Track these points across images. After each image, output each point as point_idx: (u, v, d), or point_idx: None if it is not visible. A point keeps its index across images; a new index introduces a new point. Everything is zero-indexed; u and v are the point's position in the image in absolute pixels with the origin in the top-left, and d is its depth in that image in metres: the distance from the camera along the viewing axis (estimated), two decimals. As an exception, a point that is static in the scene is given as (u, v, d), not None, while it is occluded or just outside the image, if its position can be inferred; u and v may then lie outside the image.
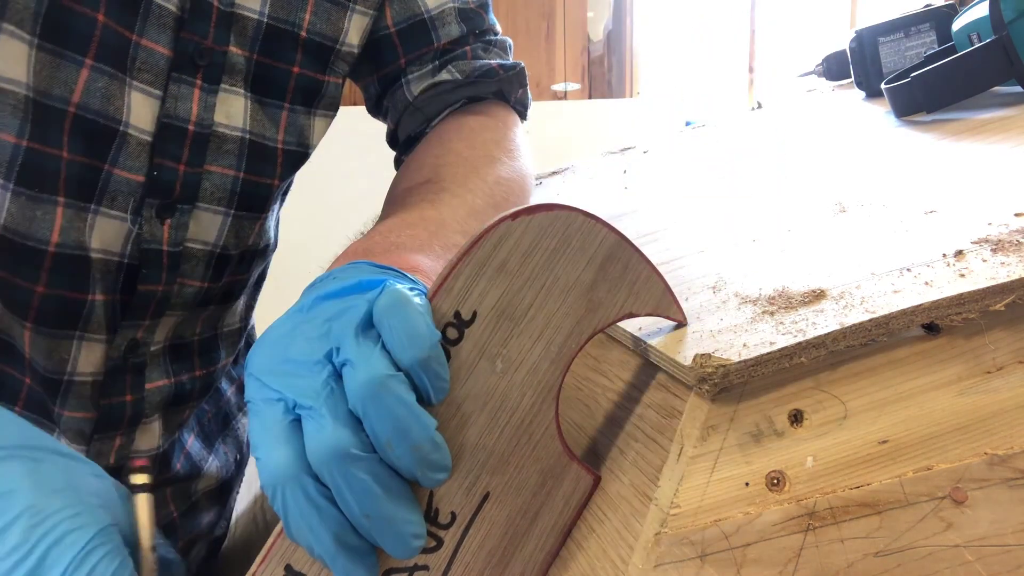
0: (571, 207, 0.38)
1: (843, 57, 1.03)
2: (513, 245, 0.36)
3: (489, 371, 0.36)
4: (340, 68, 0.63)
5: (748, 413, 0.37)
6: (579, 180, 0.92)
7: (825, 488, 0.36)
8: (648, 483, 0.38)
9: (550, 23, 2.34)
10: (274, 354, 0.34)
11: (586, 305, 0.38)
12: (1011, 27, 0.69)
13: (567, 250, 0.37)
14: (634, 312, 0.40)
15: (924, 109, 0.76)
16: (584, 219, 0.38)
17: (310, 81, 0.61)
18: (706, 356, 0.37)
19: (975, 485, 0.37)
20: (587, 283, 0.38)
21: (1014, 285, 0.38)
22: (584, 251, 0.38)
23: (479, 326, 0.36)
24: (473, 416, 0.36)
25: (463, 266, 0.35)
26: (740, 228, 0.57)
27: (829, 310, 0.39)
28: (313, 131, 0.63)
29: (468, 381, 0.36)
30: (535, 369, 0.37)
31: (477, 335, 0.36)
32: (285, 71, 0.60)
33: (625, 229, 0.64)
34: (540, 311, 0.37)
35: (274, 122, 0.60)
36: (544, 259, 0.37)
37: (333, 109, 0.65)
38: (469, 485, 0.36)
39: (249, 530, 0.83)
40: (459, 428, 0.35)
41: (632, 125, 2.21)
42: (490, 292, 0.36)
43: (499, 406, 0.36)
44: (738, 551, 0.35)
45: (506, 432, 0.36)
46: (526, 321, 0.36)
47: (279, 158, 0.61)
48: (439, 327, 0.35)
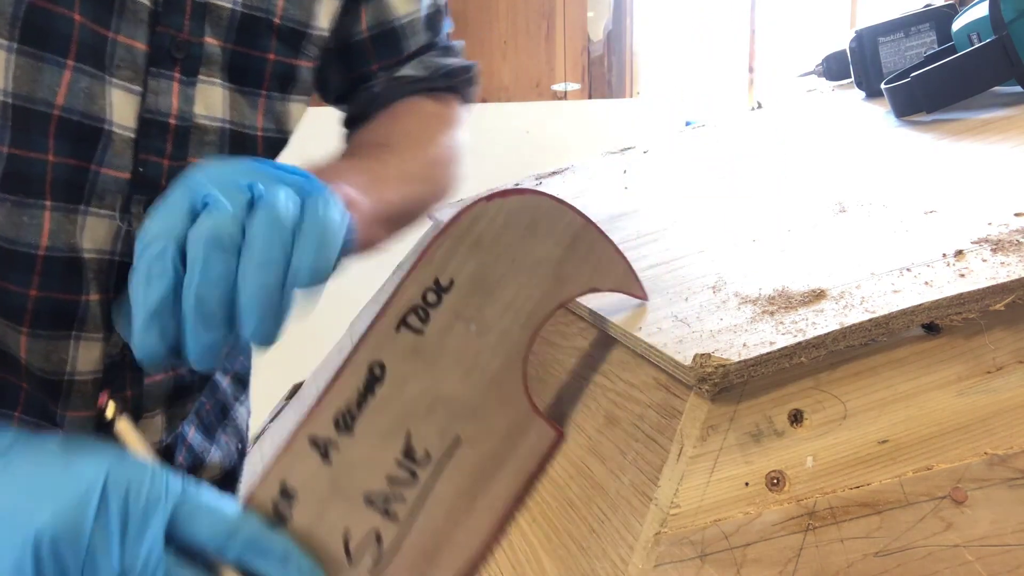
0: (540, 192, 0.43)
1: (843, 57, 1.03)
2: (487, 223, 0.41)
3: (464, 332, 0.41)
4: (311, 52, 0.64)
5: (748, 413, 0.37)
6: (579, 180, 0.92)
7: (825, 488, 0.36)
8: (648, 483, 0.38)
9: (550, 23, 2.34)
10: (212, 173, 0.40)
11: (553, 279, 0.42)
12: (1011, 27, 0.69)
13: (536, 230, 0.42)
14: (598, 287, 0.44)
15: (924, 109, 0.76)
16: (552, 203, 0.43)
17: (285, 67, 0.62)
18: (706, 356, 0.37)
19: (975, 485, 0.37)
20: (555, 260, 0.43)
21: (1014, 285, 0.38)
22: (552, 231, 0.43)
23: (456, 293, 0.41)
24: (449, 370, 0.41)
25: (443, 239, 0.41)
26: (740, 228, 0.57)
27: (829, 310, 0.39)
28: (290, 116, 0.64)
29: (445, 339, 0.41)
30: (506, 333, 0.42)
31: (454, 300, 0.41)
32: (261, 58, 0.60)
33: (625, 229, 0.65)
34: (511, 283, 0.42)
35: (252, 110, 0.61)
36: (516, 237, 0.42)
37: (307, 94, 0.66)
38: (442, 429, 0.40)
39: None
40: (437, 381, 0.40)
41: (632, 125, 2.21)
42: (466, 264, 0.41)
43: (472, 363, 0.41)
44: (738, 551, 0.35)
45: (478, 386, 0.41)
46: (499, 291, 0.42)
47: (259, 145, 0.62)
48: (420, 293, 0.40)
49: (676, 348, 0.40)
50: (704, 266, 0.51)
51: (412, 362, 0.40)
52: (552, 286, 0.42)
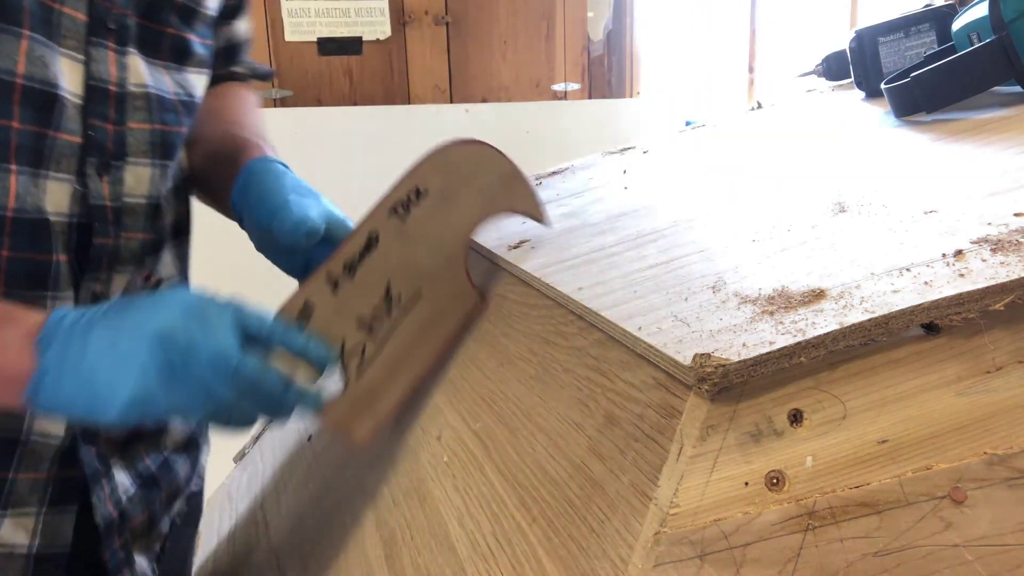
0: (488, 144, 0.63)
1: (843, 57, 1.03)
2: (453, 158, 0.62)
3: (432, 224, 0.61)
4: (200, 29, 0.70)
5: (748, 413, 0.37)
6: (579, 180, 0.92)
7: (825, 488, 0.36)
8: (648, 483, 0.38)
9: (550, 23, 2.34)
10: None
11: (489, 199, 0.63)
12: (1011, 27, 0.69)
13: (482, 166, 0.63)
14: (516, 210, 0.66)
15: (924, 109, 0.76)
16: (494, 152, 0.63)
17: (181, 40, 0.67)
18: (706, 356, 0.37)
19: (974, 485, 0.37)
20: (492, 187, 0.63)
21: (1014, 285, 0.38)
22: (492, 169, 0.63)
23: (428, 198, 0.61)
24: (419, 246, 0.61)
25: (424, 163, 0.61)
26: (740, 228, 0.57)
27: (829, 310, 0.39)
28: (193, 85, 0.70)
29: (418, 227, 0.61)
30: (457, 228, 0.62)
31: (426, 203, 0.61)
32: (162, 32, 0.65)
33: (625, 229, 0.65)
34: (463, 198, 0.62)
35: (165, 78, 0.66)
36: (469, 169, 0.62)
37: (204, 68, 0.71)
38: (411, 284, 0.61)
39: (250, 530, 0.84)
40: (409, 251, 0.61)
41: (632, 125, 2.21)
42: (436, 181, 0.61)
43: (434, 245, 0.61)
44: (738, 551, 0.35)
45: (437, 261, 0.61)
46: (455, 201, 0.62)
47: (179, 109, 0.67)
48: (405, 194, 0.60)
49: (676, 348, 0.40)
50: (704, 266, 0.51)
51: (396, 237, 0.60)
52: (488, 203, 0.63)
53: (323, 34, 2.10)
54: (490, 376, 0.60)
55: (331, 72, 2.12)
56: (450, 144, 0.61)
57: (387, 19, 2.16)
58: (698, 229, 0.60)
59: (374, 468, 0.68)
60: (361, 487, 0.68)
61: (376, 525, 0.61)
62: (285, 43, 2.07)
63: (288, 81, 2.08)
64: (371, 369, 0.59)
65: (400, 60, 2.17)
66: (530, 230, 0.73)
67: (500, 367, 0.59)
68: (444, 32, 2.22)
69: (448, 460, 0.57)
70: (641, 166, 0.91)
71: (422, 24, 2.19)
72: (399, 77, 2.17)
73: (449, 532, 0.52)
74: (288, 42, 2.07)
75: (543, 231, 0.71)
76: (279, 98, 2.07)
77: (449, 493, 0.55)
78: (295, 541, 0.72)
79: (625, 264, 0.56)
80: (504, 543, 0.46)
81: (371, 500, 0.65)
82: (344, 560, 0.62)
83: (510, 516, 0.47)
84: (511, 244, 0.69)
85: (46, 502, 0.60)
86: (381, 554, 0.58)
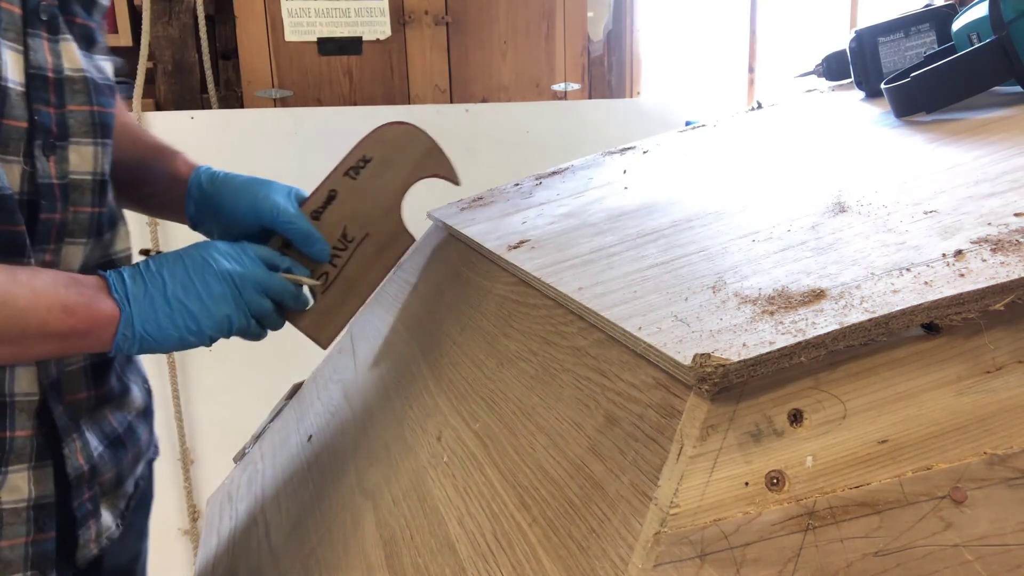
0: (414, 125, 0.84)
1: (843, 57, 1.03)
2: (389, 135, 0.82)
3: (375, 183, 0.81)
4: (97, 19, 0.73)
5: (748, 413, 0.37)
6: (579, 180, 0.92)
7: (825, 488, 0.36)
8: (648, 483, 0.38)
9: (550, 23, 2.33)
10: None
11: (416, 165, 0.83)
12: (1011, 27, 0.69)
13: (411, 140, 0.83)
14: (437, 173, 0.84)
15: (924, 109, 0.76)
16: (418, 131, 0.84)
17: (87, 29, 0.71)
18: (706, 356, 0.37)
19: (974, 485, 0.37)
20: (418, 156, 0.83)
21: (1014, 285, 0.38)
22: (418, 143, 0.83)
23: (372, 164, 0.81)
24: (367, 200, 0.81)
25: (368, 140, 0.82)
26: (740, 228, 0.57)
27: (829, 310, 0.39)
28: (106, 71, 0.74)
29: (366, 184, 0.81)
30: (394, 189, 0.82)
31: (371, 167, 0.81)
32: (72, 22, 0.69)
33: (625, 228, 0.65)
34: (398, 164, 0.82)
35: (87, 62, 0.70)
36: (401, 143, 0.82)
37: (107, 54, 0.76)
38: (360, 227, 0.81)
39: (250, 530, 0.83)
40: (359, 203, 0.81)
41: (632, 125, 2.21)
42: (378, 151, 0.82)
43: (378, 198, 0.81)
44: (738, 551, 0.35)
45: (380, 210, 0.81)
46: (392, 167, 0.82)
47: (107, 91, 0.72)
48: (356, 160, 0.81)
49: (676, 348, 0.40)
50: (704, 266, 0.51)
51: (350, 192, 0.80)
52: (416, 169, 0.83)
53: (323, 34, 2.10)
54: (490, 376, 0.60)
55: (331, 72, 2.12)
56: (386, 125, 0.83)
57: (387, 19, 2.16)
58: (698, 229, 0.60)
59: (374, 468, 0.68)
60: (361, 487, 0.68)
61: (376, 525, 0.61)
62: (285, 43, 2.07)
63: (288, 81, 2.08)
64: (332, 290, 0.80)
65: (400, 60, 2.17)
66: (530, 230, 0.73)
67: (500, 367, 0.59)
68: (444, 32, 2.21)
69: (448, 460, 0.57)
70: (641, 166, 0.91)
71: (422, 24, 2.19)
72: (399, 77, 2.17)
73: (449, 532, 0.52)
74: (288, 42, 2.07)
75: (543, 231, 0.71)
76: (279, 98, 2.07)
77: (449, 493, 0.55)
78: (295, 541, 0.72)
79: (625, 264, 0.56)
80: (504, 543, 0.46)
81: (371, 500, 0.65)
82: (344, 560, 0.62)
83: (510, 516, 0.47)
84: (511, 244, 0.69)
85: (33, 457, 0.66)
86: (381, 554, 0.58)
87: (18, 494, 0.64)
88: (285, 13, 2.07)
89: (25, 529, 0.65)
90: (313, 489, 0.76)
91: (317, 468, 0.79)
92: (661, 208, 0.69)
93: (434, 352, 0.72)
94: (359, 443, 0.74)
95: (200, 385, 1.94)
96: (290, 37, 2.09)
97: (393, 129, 0.82)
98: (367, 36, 2.14)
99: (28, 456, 0.65)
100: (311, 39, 2.11)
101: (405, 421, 0.68)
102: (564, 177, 0.98)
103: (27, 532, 0.65)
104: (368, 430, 0.75)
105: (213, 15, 2.02)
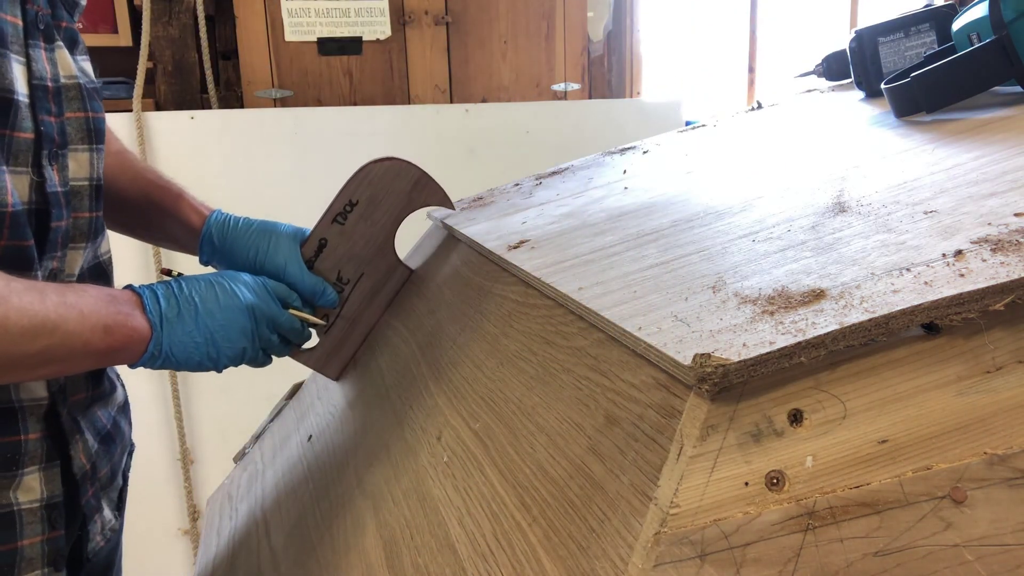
0: (401, 159, 0.84)
1: (843, 57, 1.03)
2: (374, 173, 0.83)
3: (365, 225, 0.84)
4: (76, 20, 0.74)
5: (748, 413, 0.37)
6: (579, 180, 0.92)
7: (825, 488, 0.36)
8: (648, 483, 0.38)
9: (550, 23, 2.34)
10: None
11: (407, 200, 0.85)
12: (1011, 27, 0.69)
13: (398, 176, 0.84)
14: (430, 203, 0.86)
15: (924, 109, 0.76)
16: (407, 164, 0.84)
17: (72, 31, 0.72)
18: (706, 356, 0.37)
19: (974, 485, 0.37)
20: (407, 190, 0.84)
21: (1014, 285, 0.38)
22: (406, 177, 0.84)
23: (359, 206, 0.83)
24: (357, 242, 0.84)
25: (353, 182, 0.83)
26: (740, 228, 0.57)
27: (829, 310, 0.39)
28: (90, 72, 0.74)
29: (355, 228, 0.83)
30: (384, 225, 0.85)
31: (359, 210, 0.83)
32: (58, 25, 0.69)
33: (626, 228, 0.65)
34: (386, 201, 0.84)
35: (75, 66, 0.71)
36: (388, 179, 0.83)
37: (85, 54, 0.76)
38: (355, 268, 0.85)
39: (250, 530, 0.83)
40: (351, 246, 0.83)
41: (632, 125, 2.20)
42: (364, 193, 0.83)
43: (369, 239, 0.84)
44: (738, 551, 0.35)
45: (372, 249, 0.85)
46: (380, 205, 0.84)
47: (96, 96, 0.73)
48: (342, 206, 0.83)
49: (676, 348, 0.40)
50: (704, 266, 0.51)
51: (339, 238, 0.83)
52: (406, 203, 0.85)
53: (323, 34, 2.10)
54: (490, 376, 0.60)
55: (331, 72, 2.12)
56: (371, 163, 0.83)
57: (387, 19, 2.16)
58: (698, 229, 0.60)
59: (374, 468, 0.68)
60: (361, 487, 0.68)
61: (376, 525, 0.61)
62: (285, 43, 2.07)
63: (288, 81, 2.08)
64: (334, 328, 0.86)
65: (400, 60, 2.17)
66: (530, 230, 0.73)
67: (500, 367, 0.59)
68: (444, 32, 2.22)
69: (448, 460, 0.57)
70: (641, 166, 0.91)
71: (422, 24, 2.19)
72: (399, 77, 2.17)
73: (449, 532, 0.52)
74: (288, 42, 2.07)
75: (543, 231, 0.71)
76: (279, 98, 2.07)
77: (449, 493, 0.55)
78: (295, 541, 0.72)
79: (625, 264, 0.56)
80: (504, 543, 0.46)
81: (371, 500, 0.65)
82: (344, 560, 0.62)
83: (510, 516, 0.47)
84: (511, 244, 0.69)
85: (43, 459, 0.67)
86: (381, 554, 0.58)
87: (33, 494, 0.66)
88: (285, 13, 2.07)
89: (40, 528, 0.67)
90: (313, 489, 0.76)
91: (317, 468, 0.79)
92: (661, 208, 0.69)
93: (434, 352, 0.72)
94: (359, 443, 0.74)
95: (200, 385, 1.94)
96: (290, 37, 2.09)
97: (378, 166, 0.83)
98: (367, 36, 2.14)
99: (39, 457, 0.67)
100: (311, 39, 2.11)
101: (405, 421, 0.68)
102: (564, 177, 0.98)
103: (42, 530, 0.67)
104: (368, 430, 0.75)
105: (213, 15, 2.02)
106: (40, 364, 0.59)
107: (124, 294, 0.67)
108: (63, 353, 0.60)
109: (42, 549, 0.67)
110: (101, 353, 0.63)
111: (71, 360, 0.61)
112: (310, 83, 2.11)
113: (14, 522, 0.65)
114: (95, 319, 0.62)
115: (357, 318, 0.86)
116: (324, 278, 0.83)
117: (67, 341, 0.59)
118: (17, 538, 0.65)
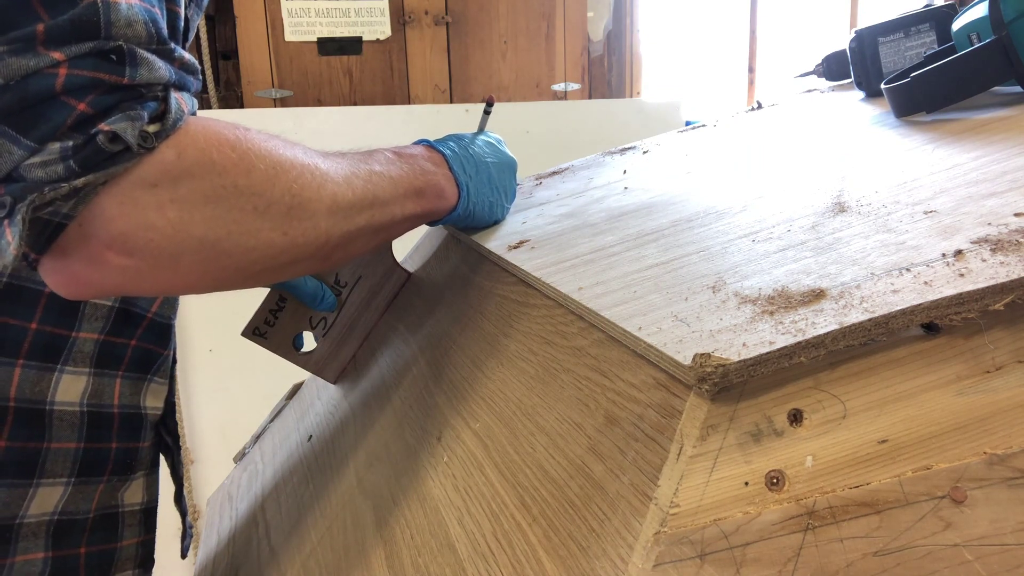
0: None
1: (843, 57, 1.03)
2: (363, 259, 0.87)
3: None
4: None
5: (747, 412, 0.37)
6: (579, 180, 0.92)
7: (824, 487, 0.36)
8: (648, 483, 0.38)
9: (550, 23, 2.34)
10: None
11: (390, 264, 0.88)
12: (1011, 27, 0.69)
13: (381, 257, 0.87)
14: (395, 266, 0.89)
15: (924, 109, 0.76)
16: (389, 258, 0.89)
17: None
18: (706, 356, 0.37)
19: (974, 484, 0.37)
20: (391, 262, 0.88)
21: (1014, 285, 0.38)
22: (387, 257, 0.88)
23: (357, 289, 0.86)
24: None
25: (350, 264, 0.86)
26: (740, 228, 0.57)
27: (828, 310, 0.39)
28: None
29: None
30: None
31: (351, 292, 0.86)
32: None
33: (626, 228, 0.65)
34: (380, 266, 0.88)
35: None
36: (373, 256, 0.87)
37: None
38: (352, 271, 0.85)
39: (250, 530, 0.83)
40: None
41: (632, 125, 2.21)
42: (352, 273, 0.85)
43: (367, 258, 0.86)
44: (737, 550, 0.35)
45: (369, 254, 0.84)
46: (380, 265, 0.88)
47: None
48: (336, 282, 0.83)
49: (676, 348, 0.40)
50: (704, 266, 0.51)
51: None
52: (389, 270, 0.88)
53: (323, 34, 2.10)
54: (490, 376, 0.60)
55: (331, 72, 2.12)
56: None
57: (387, 19, 2.16)
58: (698, 229, 0.60)
59: (374, 468, 0.68)
60: (361, 487, 0.68)
61: (376, 525, 0.61)
62: (285, 43, 2.07)
63: (288, 81, 2.08)
64: (332, 331, 0.86)
65: (400, 60, 2.17)
66: (530, 230, 0.73)
67: (500, 367, 0.59)
68: (444, 32, 2.22)
69: (448, 460, 0.57)
70: (641, 166, 0.91)
71: (422, 24, 2.19)
72: (399, 77, 2.17)
73: (449, 532, 0.52)
74: (288, 42, 2.07)
75: (543, 231, 0.71)
76: (279, 98, 2.07)
77: (449, 493, 0.55)
78: (295, 541, 0.72)
79: (625, 264, 0.56)
80: (504, 543, 0.46)
81: (371, 500, 0.65)
82: (344, 560, 0.62)
83: (510, 516, 0.47)
84: (511, 244, 0.69)
85: (148, 465, 0.72)
86: (381, 554, 0.58)
87: (136, 498, 0.71)
88: (285, 13, 2.07)
89: (138, 531, 0.71)
90: (313, 489, 0.76)
91: (317, 468, 0.79)
92: (661, 208, 0.69)
93: (434, 352, 0.72)
94: (359, 443, 0.74)
95: (200, 385, 1.94)
96: (290, 37, 2.09)
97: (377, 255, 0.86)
98: (367, 36, 2.15)
99: (148, 464, 0.71)
100: (311, 39, 2.11)
101: (405, 421, 0.68)
102: (564, 177, 0.98)
103: (139, 533, 0.71)
104: (368, 430, 0.75)
105: (213, 15, 2.02)
106: (362, 236, 0.59)
107: (423, 151, 0.68)
108: (384, 221, 0.61)
109: (136, 551, 0.71)
110: (416, 217, 0.65)
111: (390, 228, 0.63)
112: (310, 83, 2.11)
113: (117, 524, 0.69)
114: (406, 185, 0.63)
115: (355, 321, 0.87)
116: (322, 282, 0.83)
117: (386, 210, 0.61)
118: (118, 539, 0.69)
